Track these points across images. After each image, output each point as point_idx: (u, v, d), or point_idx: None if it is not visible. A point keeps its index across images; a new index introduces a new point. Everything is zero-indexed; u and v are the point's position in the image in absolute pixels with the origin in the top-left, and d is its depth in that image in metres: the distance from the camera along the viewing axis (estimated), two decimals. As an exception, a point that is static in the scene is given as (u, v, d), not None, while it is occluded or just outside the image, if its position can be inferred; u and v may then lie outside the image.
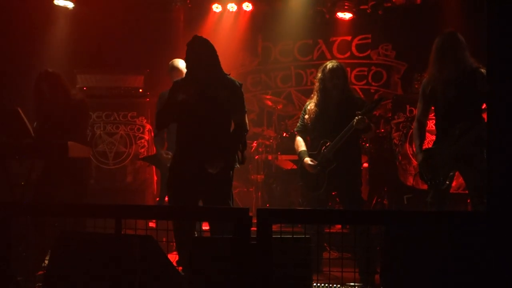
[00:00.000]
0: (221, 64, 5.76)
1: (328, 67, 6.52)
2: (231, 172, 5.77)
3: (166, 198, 7.59)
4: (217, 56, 5.69)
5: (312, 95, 6.74)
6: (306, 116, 6.70)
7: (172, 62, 7.47)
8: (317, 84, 6.66)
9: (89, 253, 4.32)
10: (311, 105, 6.68)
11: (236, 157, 5.78)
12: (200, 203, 5.75)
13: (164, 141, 7.39)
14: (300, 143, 6.77)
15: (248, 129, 5.97)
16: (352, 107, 6.37)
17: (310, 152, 6.63)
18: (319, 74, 6.61)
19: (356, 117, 6.17)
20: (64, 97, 6.99)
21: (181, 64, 7.38)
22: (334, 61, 6.67)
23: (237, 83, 5.79)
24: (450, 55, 5.92)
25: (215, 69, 5.69)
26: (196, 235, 5.61)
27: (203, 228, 6.65)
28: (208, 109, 5.59)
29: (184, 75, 7.15)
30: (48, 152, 6.58)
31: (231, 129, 5.84)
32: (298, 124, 6.92)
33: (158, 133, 7.40)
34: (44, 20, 9.85)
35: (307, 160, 6.56)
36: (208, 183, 5.61)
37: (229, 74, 5.82)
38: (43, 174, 6.98)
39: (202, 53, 5.59)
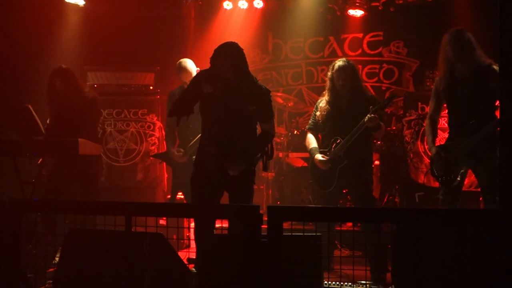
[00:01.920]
0: None
1: (335, 66, 6.52)
2: (253, 176, 5.74)
3: (177, 195, 7.60)
4: (245, 60, 5.61)
5: (324, 92, 6.72)
6: (318, 114, 6.69)
7: (179, 62, 7.38)
8: (327, 82, 6.65)
9: (99, 250, 4.33)
10: (322, 102, 6.67)
11: (262, 162, 5.73)
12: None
13: (176, 138, 7.35)
14: (312, 140, 6.75)
15: (274, 134, 5.94)
16: (363, 105, 6.35)
17: (321, 149, 6.61)
18: (329, 73, 6.61)
19: (368, 115, 6.16)
20: (77, 94, 7.01)
21: (189, 64, 7.33)
22: (343, 59, 6.62)
23: (265, 91, 5.68)
24: (459, 55, 5.88)
25: (244, 74, 5.60)
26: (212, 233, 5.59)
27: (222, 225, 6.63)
28: (235, 112, 5.53)
29: (192, 75, 7.15)
30: (59, 150, 6.60)
31: (257, 134, 5.80)
32: (309, 121, 6.90)
33: (169, 130, 7.38)
34: (55, 17, 9.85)
35: (318, 156, 6.54)
36: (230, 183, 5.59)
37: (257, 80, 5.74)
38: (54, 171, 6.99)
39: (230, 56, 5.50)
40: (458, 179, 5.91)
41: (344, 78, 6.44)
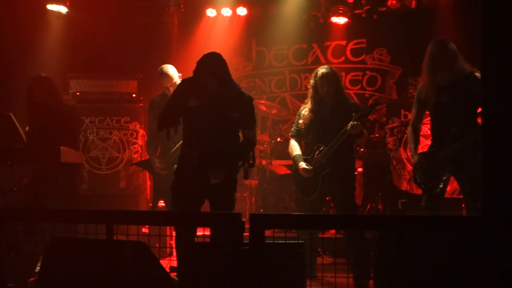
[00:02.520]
0: None
1: (319, 73, 6.52)
2: (235, 184, 5.74)
3: (159, 204, 7.55)
4: (228, 70, 5.62)
5: (306, 100, 6.72)
6: (300, 121, 6.69)
7: (161, 68, 7.31)
8: (310, 90, 6.65)
9: (80, 259, 4.29)
10: (305, 110, 6.67)
11: (243, 170, 5.73)
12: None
13: (157, 147, 7.33)
14: (295, 147, 6.73)
15: (256, 142, 5.96)
16: (346, 112, 6.34)
17: (304, 156, 6.61)
18: (311, 80, 6.61)
19: (351, 122, 6.16)
20: (56, 103, 6.96)
21: (170, 69, 7.27)
22: (325, 66, 6.62)
23: (249, 99, 5.72)
24: (442, 64, 5.91)
25: (228, 84, 5.61)
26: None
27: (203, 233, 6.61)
28: (218, 122, 5.54)
29: (173, 80, 7.14)
30: (40, 157, 6.55)
31: (240, 141, 5.80)
32: (292, 128, 6.90)
33: (150, 138, 7.36)
34: (37, 25, 9.82)
35: (302, 164, 6.52)
36: (212, 191, 5.58)
37: (240, 86, 5.76)
38: (33, 180, 6.94)
39: (215, 68, 5.50)
40: (441, 186, 5.92)
41: (328, 84, 6.44)
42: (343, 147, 6.35)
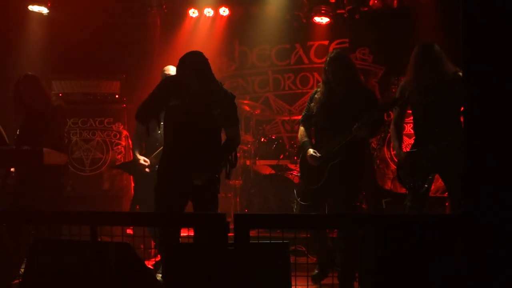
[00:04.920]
0: None
1: (328, 58, 6.23)
2: (218, 183, 5.74)
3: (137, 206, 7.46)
4: (210, 68, 5.62)
5: (320, 84, 6.46)
6: (312, 105, 6.38)
7: (163, 70, 7.26)
8: (323, 74, 6.36)
9: (65, 260, 4.27)
10: (317, 94, 6.36)
11: (225, 170, 5.73)
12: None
13: (142, 147, 7.31)
14: (304, 133, 6.48)
15: (240, 141, 5.94)
16: (358, 101, 6.12)
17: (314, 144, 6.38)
18: (324, 65, 6.31)
19: (355, 126, 5.97)
20: (42, 102, 6.90)
21: (172, 71, 7.23)
22: (335, 51, 6.36)
23: (230, 96, 5.71)
24: (427, 68, 5.94)
25: (209, 83, 5.61)
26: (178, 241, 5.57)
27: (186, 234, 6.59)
28: (200, 121, 5.54)
29: None
30: (23, 159, 6.50)
31: (222, 141, 5.80)
32: (303, 113, 6.60)
33: (136, 138, 7.33)
34: (18, 26, 9.78)
35: (311, 151, 6.26)
36: (195, 191, 5.58)
37: (223, 84, 5.75)
38: (17, 182, 6.90)
39: (196, 66, 5.50)
40: (426, 185, 5.95)
41: (333, 71, 6.15)
42: (353, 139, 6.08)
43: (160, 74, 7.28)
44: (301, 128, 6.56)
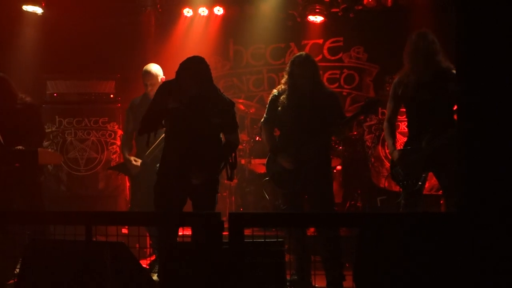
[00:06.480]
0: None
1: (296, 61, 6.28)
2: (217, 185, 5.76)
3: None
4: (211, 74, 5.64)
5: (279, 86, 6.52)
6: (279, 108, 6.38)
7: (145, 67, 7.28)
8: (285, 76, 6.42)
9: (60, 260, 4.27)
10: (282, 97, 6.37)
11: (226, 171, 5.75)
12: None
13: (132, 147, 7.31)
14: (270, 136, 6.51)
15: (239, 143, 5.99)
16: (325, 102, 6.20)
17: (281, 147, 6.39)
18: (288, 67, 6.38)
19: (337, 126, 6.08)
20: (10, 103, 6.80)
21: (153, 68, 7.23)
22: (302, 53, 6.45)
23: (229, 103, 5.75)
24: (422, 56, 5.94)
25: (209, 89, 5.62)
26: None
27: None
28: (198, 124, 5.55)
29: (155, 79, 7.10)
30: (18, 159, 6.47)
31: (222, 143, 5.82)
32: (265, 115, 6.60)
33: (126, 139, 7.33)
34: (13, 26, 9.74)
35: (284, 155, 6.27)
36: (194, 191, 5.60)
37: (221, 91, 5.77)
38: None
39: (197, 72, 5.50)
40: (420, 183, 5.96)
41: (304, 75, 6.21)
42: (325, 141, 6.28)
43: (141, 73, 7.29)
44: (266, 130, 6.56)
